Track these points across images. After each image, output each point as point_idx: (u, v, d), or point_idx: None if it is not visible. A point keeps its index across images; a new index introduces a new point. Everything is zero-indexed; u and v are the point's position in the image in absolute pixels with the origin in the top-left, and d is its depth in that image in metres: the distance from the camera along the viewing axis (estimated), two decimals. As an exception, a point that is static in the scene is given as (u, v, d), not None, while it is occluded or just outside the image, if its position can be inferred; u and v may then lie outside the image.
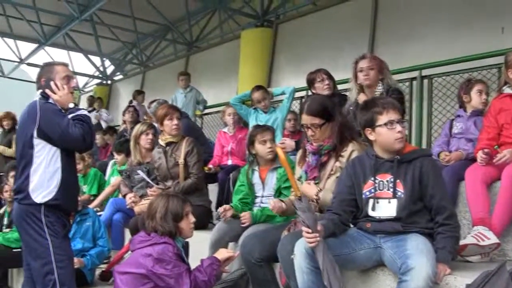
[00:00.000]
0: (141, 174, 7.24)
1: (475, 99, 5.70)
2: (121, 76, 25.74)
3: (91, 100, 17.17)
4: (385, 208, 3.93)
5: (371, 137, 4.06)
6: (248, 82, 13.11)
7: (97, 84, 25.46)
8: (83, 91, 27.24)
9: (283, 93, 8.18)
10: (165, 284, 4.21)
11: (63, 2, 16.01)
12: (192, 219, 4.60)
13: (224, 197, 7.19)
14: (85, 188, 9.02)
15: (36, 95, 4.84)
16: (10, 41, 23.85)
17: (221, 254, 4.58)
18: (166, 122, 6.82)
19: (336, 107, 4.83)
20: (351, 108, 5.77)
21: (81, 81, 27.41)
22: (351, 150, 4.60)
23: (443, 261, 3.63)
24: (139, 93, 15.22)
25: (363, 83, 5.82)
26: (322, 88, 6.84)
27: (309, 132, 4.73)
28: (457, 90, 6.23)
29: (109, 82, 25.32)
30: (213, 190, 7.46)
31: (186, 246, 4.74)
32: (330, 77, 6.93)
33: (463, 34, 10.57)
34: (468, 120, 5.65)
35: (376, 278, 4.05)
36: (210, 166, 8.11)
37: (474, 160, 4.94)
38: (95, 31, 20.68)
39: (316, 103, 4.73)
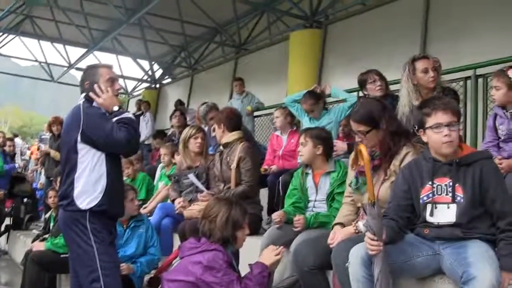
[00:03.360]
0: (191, 178, 7.22)
1: None
2: (169, 80, 25.91)
3: (140, 104, 17.36)
4: (444, 214, 3.80)
5: (424, 139, 3.95)
6: (298, 84, 13.04)
7: (146, 88, 25.63)
8: (132, 95, 27.68)
9: (344, 100, 7.86)
10: (215, 292, 4.14)
11: (111, 6, 16.12)
12: (247, 231, 4.53)
13: (274, 201, 7.10)
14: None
15: (80, 99, 4.81)
16: (60, 46, 24.14)
17: (269, 259, 4.43)
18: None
19: (386, 113, 4.64)
20: (409, 108, 5.56)
21: (130, 85, 27.74)
22: (405, 153, 4.46)
23: (508, 269, 3.46)
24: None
25: (430, 85, 5.50)
26: (374, 89, 6.72)
27: (357, 138, 4.64)
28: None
29: (157, 85, 25.47)
30: (263, 194, 7.38)
31: (236, 253, 4.66)
32: (382, 77, 6.80)
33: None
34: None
35: (435, 287, 3.92)
36: (266, 167, 8.00)
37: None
38: (144, 34, 20.89)
39: (362, 110, 4.63)
